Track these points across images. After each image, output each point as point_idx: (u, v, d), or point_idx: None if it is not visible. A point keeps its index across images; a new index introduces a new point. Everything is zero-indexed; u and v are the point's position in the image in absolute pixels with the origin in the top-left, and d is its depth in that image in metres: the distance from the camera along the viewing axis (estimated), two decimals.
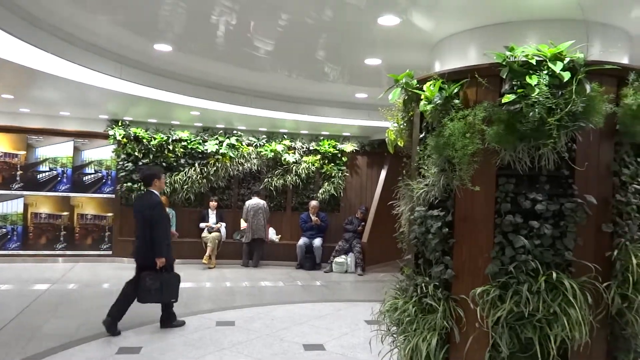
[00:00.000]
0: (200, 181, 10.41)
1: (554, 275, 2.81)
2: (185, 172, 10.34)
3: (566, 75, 2.71)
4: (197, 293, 7.72)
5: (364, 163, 11.45)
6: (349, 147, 11.03)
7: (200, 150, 10.45)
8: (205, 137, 10.53)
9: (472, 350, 3.05)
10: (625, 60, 3.45)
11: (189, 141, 10.41)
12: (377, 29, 3.95)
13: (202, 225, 10.08)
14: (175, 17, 4.22)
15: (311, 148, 11.03)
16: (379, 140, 10.87)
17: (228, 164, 10.54)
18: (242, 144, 10.62)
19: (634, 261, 2.88)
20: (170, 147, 10.28)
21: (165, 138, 10.22)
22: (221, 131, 10.63)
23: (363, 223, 10.37)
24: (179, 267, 9.57)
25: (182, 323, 5.96)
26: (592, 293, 2.84)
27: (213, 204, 10.18)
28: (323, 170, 11.04)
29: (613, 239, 3.00)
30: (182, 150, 10.38)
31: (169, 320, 5.85)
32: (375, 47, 4.62)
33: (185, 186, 10.27)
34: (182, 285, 8.11)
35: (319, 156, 11.02)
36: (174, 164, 10.35)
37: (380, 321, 3.68)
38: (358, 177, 11.44)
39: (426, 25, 3.70)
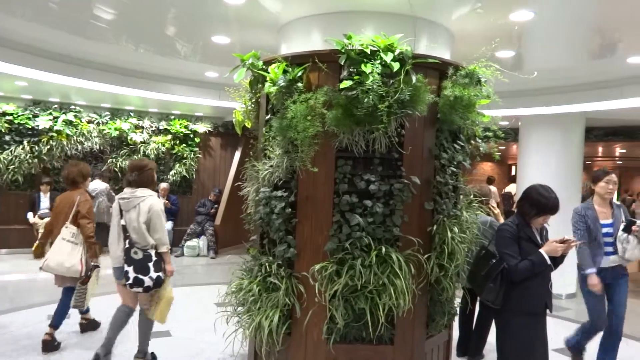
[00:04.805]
0: (30, 161, 9.28)
1: (384, 249, 3.06)
2: (11, 151, 9.12)
3: (396, 66, 2.93)
4: (27, 286, 6.94)
5: (217, 144, 11.24)
6: (201, 127, 10.73)
7: (30, 126, 9.30)
8: (36, 112, 9.39)
9: (312, 323, 3.20)
10: (447, 56, 3.85)
11: (15, 115, 9.19)
12: (222, 6, 3.86)
13: (30, 218, 8.90)
14: None
15: (161, 127, 10.50)
16: (233, 122, 10.75)
17: (65, 143, 9.54)
18: (81, 121, 9.68)
19: (449, 234, 3.26)
20: None
21: None
22: (56, 105, 9.57)
23: (216, 205, 10.22)
24: (6, 258, 8.55)
25: None
26: (415, 264, 3.16)
27: (45, 187, 9.13)
28: (174, 151, 10.60)
29: (433, 216, 3.36)
30: (6, 125, 9.13)
31: None
32: (222, 24, 4.53)
33: (12, 166, 9.07)
34: (8, 278, 7.27)
35: (169, 136, 10.54)
36: None
37: (227, 303, 3.68)
38: (211, 159, 11.21)
39: (272, 7, 3.72)
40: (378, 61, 2.97)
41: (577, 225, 4.29)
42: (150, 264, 3.93)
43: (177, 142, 10.63)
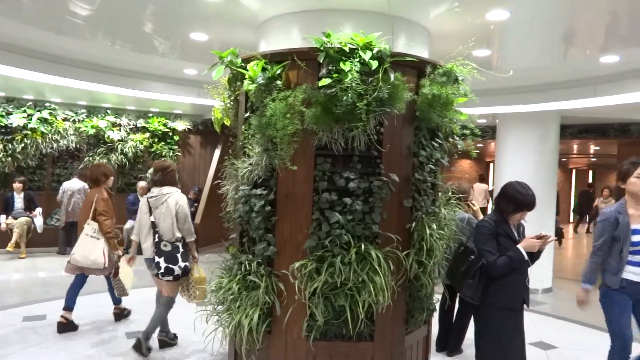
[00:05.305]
0: (3, 160, 9.07)
1: (363, 247, 3.07)
2: None
3: (374, 64, 2.95)
4: (1, 287, 6.77)
5: (197, 142, 11.15)
6: (180, 125, 10.62)
7: (3, 124, 9.09)
8: (10, 109, 9.18)
9: (292, 321, 3.20)
10: (425, 55, 3.89)
11: None
12: (200, 2, 3.83)
13: (2, 222, 8.58)
14: None
15: (139, 125, 10.36)
16: (212, 119, 10.67)
17: (39, 141, 9.35)
18: (56, 118, 9.49)
19: (428, 231, 3.30)
20: None
21: None
22: (30, 103, 9.36)
23: (196, 204, 10.13)
24: None
25: None
26: (394, 261, 3.18)
27: (18, 186, 8.87)
28: (152, 149, 10.48)
29: (412, 213, 3.39)
30: None
31: None
32: (201, 21, 4.49)
33: None
34: None
35: (147, 134, 10.42)
36: None
37: (207, 302, 3.66)
38: (191, 157, 11.12)
39: (251, 4, 3.70)
40: (357, 59, 2.98)
41: (601, 234, 3.50)
42: (178, 255, 4.43)
43: (156, 140, 10.51)
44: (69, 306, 5.10)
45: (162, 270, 4.34)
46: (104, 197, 5.04)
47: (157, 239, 4.41)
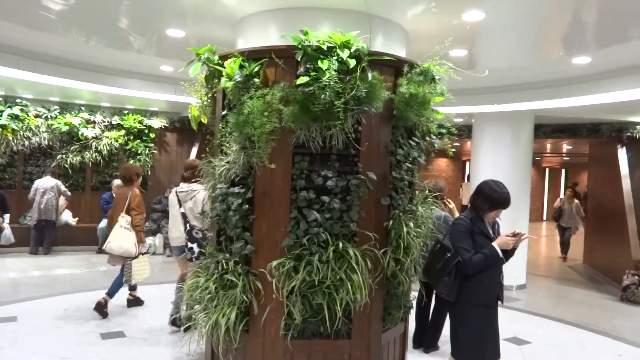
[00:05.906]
0: None
1: (341, 245, 3.08)
2: None
3: (352, 63, 2.95)
4: None
5: (173, 140, 11.02)
6: (157, 122, 10.48)
7: None
8: None
9: (270, 320, 3.19)
10: (402, 54, 3.91)
11: None
12: None
13: None
14: None
15: (114, 122, 10.18)
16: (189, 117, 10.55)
17: (10, 138, 9.11)
18: (28, 115, 9.26)
19: (405, 229, 3.32)
20: None
21: None
22: (0, 99, 9.11)
23: None
24: None
25: None
26: (372, 259, 3.19)
27: None
28: (128, 147, 10.32)
29: (389, 211, 3.41)
30: None
31: None
32: (177, 17, 4.43)
33: None
34: None
35: (123, 131, 10.24)
36: None
37: (183, 301, 3.62)
38: (168, 155, 10.98)
39: (228, 1, 3.67)
40: (335, 58, 2.97)
41: None
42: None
43: (131, 137, 10.34)
44: (131, 288, 5.97)
45: (195, 255, 4.82)
46: (137, 194, 5.63)
47: (189, 228, 4.91)
